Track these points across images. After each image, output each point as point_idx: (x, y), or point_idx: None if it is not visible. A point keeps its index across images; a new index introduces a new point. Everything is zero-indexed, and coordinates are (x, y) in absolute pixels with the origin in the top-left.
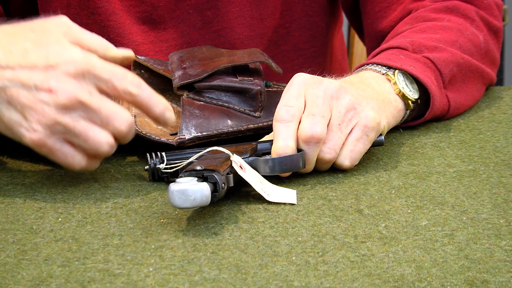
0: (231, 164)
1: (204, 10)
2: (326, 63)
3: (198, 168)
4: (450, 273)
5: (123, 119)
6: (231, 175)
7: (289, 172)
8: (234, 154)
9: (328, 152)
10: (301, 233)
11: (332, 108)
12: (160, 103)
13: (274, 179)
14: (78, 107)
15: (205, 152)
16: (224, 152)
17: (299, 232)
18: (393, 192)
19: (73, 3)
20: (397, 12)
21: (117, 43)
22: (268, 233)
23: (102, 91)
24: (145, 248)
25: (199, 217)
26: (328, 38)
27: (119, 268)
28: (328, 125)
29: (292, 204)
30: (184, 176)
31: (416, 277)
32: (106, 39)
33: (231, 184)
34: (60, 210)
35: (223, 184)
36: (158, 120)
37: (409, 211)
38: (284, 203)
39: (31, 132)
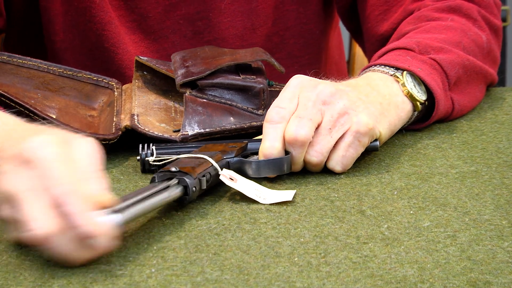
0: (211, 165)
1: (195, 20)
2: (321, 68)
3: (173, 169)
4: (452, 274)
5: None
6: (204, 179)
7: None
8: (224, 169)
9: (314, 155)
10: (303, 234)
11: (324, 112)
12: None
13: (277, 178)
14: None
15: (196, 151)
16: (213, 151)
17: (301, 233)
18: (395, 193)
19: (70, 10)
20: (398, 14)
21: (111, 52)
22: (270, 234)
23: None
24: (147, 249)
25: (201, 218)
26: (323, 44)
27: (121, 269)
28: (318, 128)
29: (294, 205)
30: (158, 177)
31: (418, 278)
32: (101, 47)
33: (204, 187)
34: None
35: (194, 188)
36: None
37: (411, 212)
38: (286, 204)
39: None
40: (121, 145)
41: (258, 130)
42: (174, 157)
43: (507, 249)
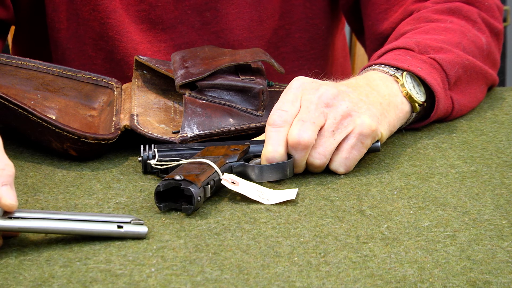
0: (215, 171)
1: (203, 11)
2: (326, 65)
3: (177, 178)
4: (452, 274)
5: None
6: (208, 186)
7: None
8: (225, 173)
9: (317, 158)
10: (303, 233)
11: (327, 115)
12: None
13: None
14: None
15: (196, 156)
16: (215, 155)
17: (301, 233)
18: (395, 193)
19: None
20: (398, 14)
21: (116, 41)
22: (270, 234)
23: None
24: (147, 249)
25: (201, 217)
26: (329, 41)
27: (121, 268)
28: (321, 130)
29: (294, 205)
30: (163, 186)
31: (418, 278)
32: (106, 36)
33: (208, 195)
34: (60, 211)
35: (199, 198)
36: None
37: (411, 212)
38: (286, 204)
39: None
40: (121, 145)
41: (258, 131)
42: (176, 161)
43: (506, 248)
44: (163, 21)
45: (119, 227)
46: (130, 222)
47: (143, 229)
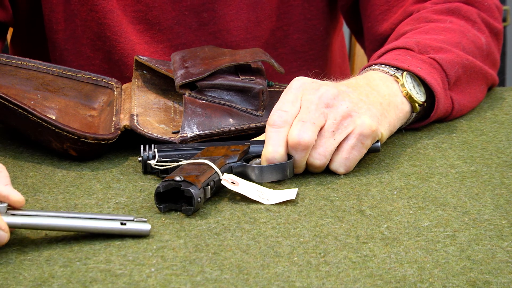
0: (215, 172)
1: (200, 12)
2: (325, 66)
3: (177, 178)
4: (452, 274)
5: None
6: (208, 187)
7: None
8: (225, 173)
9: (317, 158)
10: (303, 233)
11: (328, 115)
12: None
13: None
14: None
15: (196, 156)
16: (215, 155)
17: (301, 233)
18: (395, 193)
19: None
20: (398, 15)
21: (113, 41)
22: (270, 234)
23: None
24: (146, 249)
25: (201, 217)
26: (327, 42)
27: (120, 268)
28: (321, 131)
29: (294, 205)
30: (163, 186)
31: (418, 278)
32: (104, 37)
33: (208, 196)
34: (62, 210)
35: (199, 199)
36: None
37: (411, 212)
38: (286, 204)
39: None
40: (121, 145)
41: (257, 131)
42: (176, 162)
43: (506, 248)
44: (160, 21)
45: (122, 224)
46: (133, 220)
47: (146, 226)
